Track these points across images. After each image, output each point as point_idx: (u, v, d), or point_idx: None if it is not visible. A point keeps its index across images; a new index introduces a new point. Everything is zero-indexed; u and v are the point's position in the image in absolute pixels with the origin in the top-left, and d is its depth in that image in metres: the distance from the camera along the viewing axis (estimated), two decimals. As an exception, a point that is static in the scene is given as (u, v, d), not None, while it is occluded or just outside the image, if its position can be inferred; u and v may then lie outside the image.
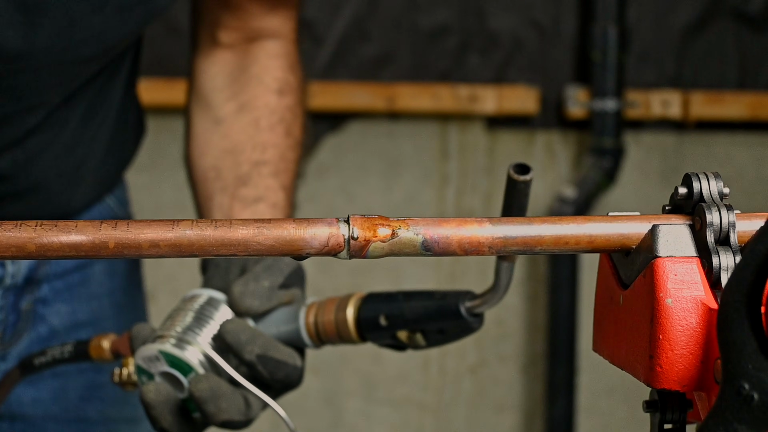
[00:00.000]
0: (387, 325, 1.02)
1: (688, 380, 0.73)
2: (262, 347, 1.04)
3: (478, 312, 1.00)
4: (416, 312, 1.01)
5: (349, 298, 1.05)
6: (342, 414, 2.91)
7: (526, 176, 0.87)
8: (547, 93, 2.88)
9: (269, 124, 1.28)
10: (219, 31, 1.34)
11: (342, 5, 2.81)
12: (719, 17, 2.90)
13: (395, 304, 1.02)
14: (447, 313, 1.00)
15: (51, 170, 1.26)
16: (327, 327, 1.05)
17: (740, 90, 2.92)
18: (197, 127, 1.32)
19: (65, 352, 1.13)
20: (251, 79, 1.32)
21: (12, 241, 0.74)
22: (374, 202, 2.84)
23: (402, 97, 2.80)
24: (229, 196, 1.23)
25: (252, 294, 1.06)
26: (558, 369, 2.88)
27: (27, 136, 1.21)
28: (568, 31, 2.88)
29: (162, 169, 2.61)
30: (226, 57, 1.34)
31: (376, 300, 1.04)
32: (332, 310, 1.05)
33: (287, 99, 1.32)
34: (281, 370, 1.05)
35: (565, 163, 2.91)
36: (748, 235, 0.75)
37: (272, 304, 1.07)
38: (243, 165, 1.25)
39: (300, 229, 0.76)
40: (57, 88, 1.20)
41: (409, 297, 1.02)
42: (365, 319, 1.03)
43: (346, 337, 1.05)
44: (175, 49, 2.57)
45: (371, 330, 1.03)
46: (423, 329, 1.02)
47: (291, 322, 1.07)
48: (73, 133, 1.26)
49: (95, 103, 1.27)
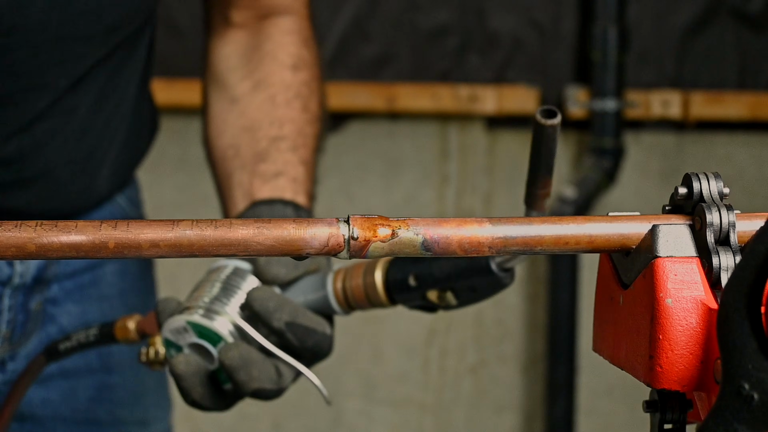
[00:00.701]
0: (416, 285, 1.00)
1: (688, 380, 0.73)
2: (291, 314, 1.03)
3: (508, 267, 0.97)
4: (446, 270, 0.98)
5: (376, 262, 1.03)
6: (342, 414, 2.91)
7: (554, 120, 0.84)
8: (547, 93, 2.88)
9: (285, 100, 1.28)
10: (230, 11, 1.34)
11: (342, 5, 2.81)
12: (719, 17, 2.90)
13: (424, 264, 1.00)
14: (478, 269, 0.97)
15: (60, 157, 1.25)
16: (356, 292, 1.04)
17: (740, 90, 2.92)
18: (214, 108, 1.32)
19: (90, 335, 1.12)
20: (265, 56, 1.31)
21: (12, 241, 0.74)
22: (374, 202, 2.84)
23: (402, 97, 2.80)
24: (249, 172, 1.22)
25: (278, 262, 1.06)
26: (558, 369, 2.88)
27: (34, 121, 1.21)
28: (568, 31, 2.88)
29: (162, 169, 2.61)
30: (239, 36, 1.34)
31: (405, 261, 1.01)
32: (360, 274, 1.03)
33: (302, 74, 1.31)
34: (311, 338, 1.04)
35: (565, 163, 2.91)
36: (748, 235, 0.75)
37: (299, 272, 1.07)
38: (261, 141, 1.24)
39: (300, 229, 0.76)
40: (59, 68, 1.19)
41: (436, 259, 0.98)
42: (394, 281, 1.01)
43: (376, 300, 1.03)
44: (175, 49, 2.57)
45: (401, 291, 1.01)
46: (453, 287, 0.99)
47: (319, 289, 1.06)
48: (82, 120, 1.25)
49: (106, 91, 1.27)
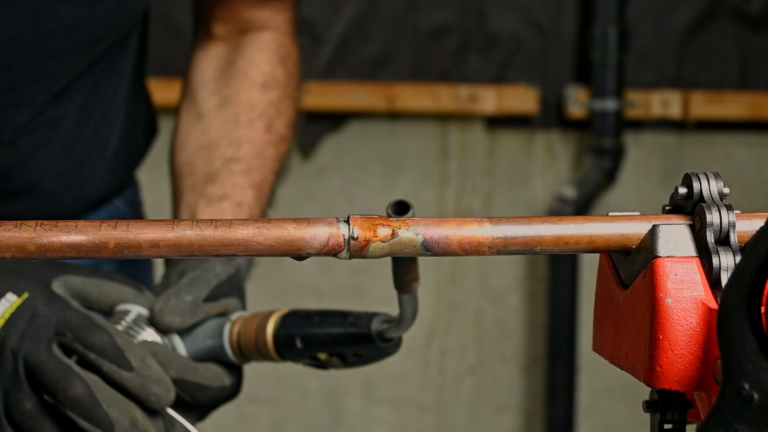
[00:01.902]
0: (303, 347, 1.00)
1: (688, 380, 0.73)
2: (178, 371, 1.00)
3: (390, 337, 0.97)
4: (330, 336, 0.99)
5: (270, 315, 1.02)
6: (342, 414, 2.91)
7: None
8: (547, 93, 2.88)
9: (248, 120, 1.26)
10: (212, 24, 1.34)
11: (342, 5, 2.81)
12: (719, 17, 2.90)
13: (310, 328, 1.00)
14: (359, 338, 0.98)
15: (47, 170, 1.25)
16: (248, 343, 1.02)
17: (740, 90, 2.92)
18: (182, 121, 1.31)
19: None
20: (236, 73, 1.30)
21: (12, 241, 0.74)
22: (374, 202, 2.84)
23: (402, 97, 2.80)
24: (197, 193, 1.21)
25: (172, 310, 1.02)
26: (558, 369, 2.88)
27: (16, 136, 1.20)
28: (568, 31, 2.88)
29: (162, 169, 2.60)
30: (218, 50, 1.34)
31: (294, 320, 1.01)
32: (254, 326, 1.02)
33: (271, 94, 1.29)
34: (203, 393, 1.02)
35: (565, 163, 2.91)
36: (748, 235, 0.75)
37: (197, 318, 1.03)
38: (215, 161, 1.23)
39: (300, 229, 0.76)
40: (36, 84, 1.18)
41: (324, 319, 1.00)
42: (283, 339, 1.01)
43: (266, 354, 1.02)
44: (175, 49, 2.57)
45: (289, 349, 1.01)
46: (339, 353, 1.00)
47: (216, 336, 1.04)
48: (68, 133, 1.24)
49: (91, 103, 1.26)
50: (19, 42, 1.13)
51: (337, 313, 1.00)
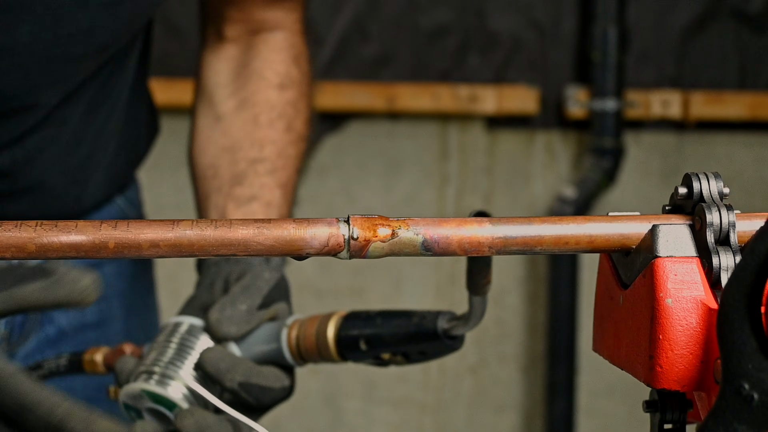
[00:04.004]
0: (367, 348, 1.02)
1: (688, 380, 0.73)
2: (244, 374, 1.02)
3: (456, 334, 0.99)
4: (395, 336, 1.01)
5: (329, 317, 1.03)
6: (342, 414, 2.91)
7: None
8: (547, 93, 2.88)
9: (269, 120, 1.27)
10: (223, 25, 1.34)
11: (342, 5, 2.81)
12: (719, 17, 2.90)
13: (374, 329, 1.01)
14: (425, 336, 0.99)
15: (53, 168, 1.25)
16: (308, 347, 1.04)
17: (740, 90, 2.92)
18: (200, 124, 1.32)
19: (60, 365, 1.11)
20: (252, 74, 1.31)
21: (12, 241, 0.74)
22: (374, 202, 2.84)
23: (402, 97, 2.80)
24: (224, 195, 1.22)
25: (229, 320, 1.04)
26: (558, 369, 2.88)
27: (25, 135, 1.20)
28: (568, 31, 2.88)
29: (162, 169, 2.61)
30: (231, 52, 1.34)
31: (356, 322, 1.02)
32: (313, 329, 1.04)
33: (288, 93, 1.30)
34: (267, 395, 1.03)
35: (565, 163, 2.91)
36: (748, 235, 0.75)
37: (251, 326, 1.05)
38: (240, 163, 1.24)
39: (300, 229, 0.76)
40: (52, 89, 1.19)
41: (387, 319, 1.01)
42: (345, 341, 1.02)
43: (327, 356, 1.03)
44: (175, 49, 2.57)
45: (352, 351, 1.02)
46: (404, 352, 1.01)
47: (273, 341, 1.05)
48: (74, 131, 1.25)
49: (98, 101, 1.26)
50: (37, 47, 1.13)
51: (400, 313, 1.02)
